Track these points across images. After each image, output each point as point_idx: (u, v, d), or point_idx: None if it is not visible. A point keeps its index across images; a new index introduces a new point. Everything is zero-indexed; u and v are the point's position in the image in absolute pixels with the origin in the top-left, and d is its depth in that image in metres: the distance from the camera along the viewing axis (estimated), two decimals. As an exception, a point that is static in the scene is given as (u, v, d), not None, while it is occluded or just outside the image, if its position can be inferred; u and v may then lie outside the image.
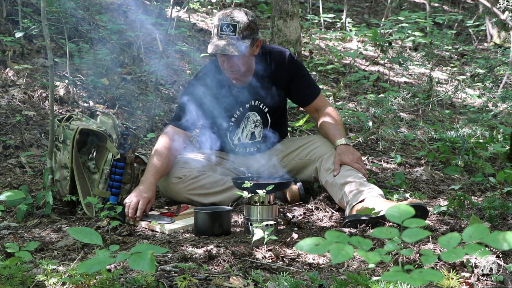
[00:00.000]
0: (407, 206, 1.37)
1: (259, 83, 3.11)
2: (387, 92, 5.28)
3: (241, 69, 3.01)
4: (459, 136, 3.96)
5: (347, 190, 2.87)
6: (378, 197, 2.81)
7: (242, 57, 2.94)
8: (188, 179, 3.05)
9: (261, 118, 3.20)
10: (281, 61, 3.11)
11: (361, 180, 2.91)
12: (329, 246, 1.27)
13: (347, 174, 2.93)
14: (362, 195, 2.81)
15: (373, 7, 9.69)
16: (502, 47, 7.71)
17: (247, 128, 3.21)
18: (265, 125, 3.23)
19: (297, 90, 3.18)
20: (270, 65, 3.11)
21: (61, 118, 3.04)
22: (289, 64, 3.11)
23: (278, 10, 5.67)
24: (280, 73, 3.12)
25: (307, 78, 3.18)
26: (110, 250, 1.66)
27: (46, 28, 2.95)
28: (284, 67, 3.11)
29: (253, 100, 3.17)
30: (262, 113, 3.20)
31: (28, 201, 2.82)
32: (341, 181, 2.91)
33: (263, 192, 2.58)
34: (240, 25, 2.89)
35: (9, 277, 1.98)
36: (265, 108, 3.19)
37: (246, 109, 3.19)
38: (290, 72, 3.13)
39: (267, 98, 3.15)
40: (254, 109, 3.19)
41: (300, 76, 3.16)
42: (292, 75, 3.14)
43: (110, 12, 6.12)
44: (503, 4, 3.80)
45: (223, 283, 2.04)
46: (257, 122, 3.21)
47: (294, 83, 3.16)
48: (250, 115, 3.20)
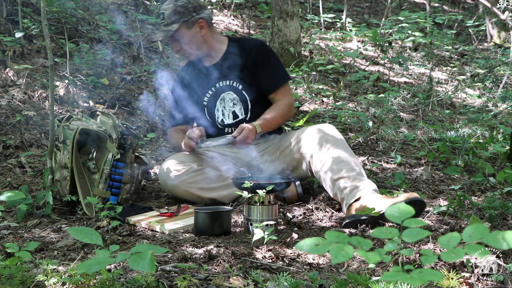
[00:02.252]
0: (407, 206, 1.37)
1: (228, 63, 3.24)
2: (387, 92, 5.28)
3: (190, 51, 3.22)
4: (459, 136, 3.96)
5: (341, 186, 2.86)
6: (374, 193, 2.80)
7: (183, 40, 3.17)
8: (189, 172, 3.06)
9: (237, 96, 3.25)
10: (251, 48, 3.24)
11: (353, 174, 2.88)
12: (329, 246, 1.27)
13: (339, 168, 2.91)
14: (357, 193, 2.81)
15: (373, 7, 9.69)
16: (502, 47, 7.71)
17: (227, 109, 3.27)
18: (244, 102, 3.25)
19: (262, 78, 3.25)
20: (241, 50, 3.24)
21: (61, 118, 3.04)
22: (257, 50, 3.23)
23: (278, 10, 5.67)
24: (247, 58, 3.23)
25: (274, 68, 3.25)
26: (110, 250, 1.66)
27: (46, 28, 2.95)
28: (252, 53, 3.23)
29: (223, 80, 3.26)
30: (237, 91, 3.25)
31: (28, 201, 2.82)
32: (334, 177, 2.90)
33: (263, 192, 2.58)
34: (166, 11, 3.15)
35: (9, 277, 1.98)
36: (239, 85, 3.25)
37: (218, 88, 3.26)
38: (258, 59, 3.23)
39: (238, 77, 3.24)
40: (227, 89, 3.26)
41: (266, 64, 3.24)
42: (259, 62, 3.23)
43: (110, 12, 6.12)
44: (503, 4, 3.80)
45: (223, 283, 2.04)
46: (234, 100, 3.25)
47: (259, 70, 3.24)
48: (224, 96, 3.26)
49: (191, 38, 3.17)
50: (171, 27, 3.13)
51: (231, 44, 3.28)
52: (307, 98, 5.23)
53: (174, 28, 3.13)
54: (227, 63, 3.24)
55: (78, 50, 5.05)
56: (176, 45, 3.20)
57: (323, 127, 3.11)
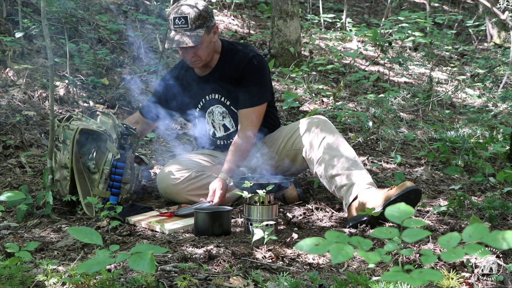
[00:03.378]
0: (407, 206, 1.37)
1: (218, 76, 3.15)
2: (387, 92, 5.28)
3: (202, 58, 3.07)
4: (459, 136, 3.96)
5: (338, 184, 2.86)
6: (369, 188, 2.80)
7: (200, 46, 3.00)
8: (187, 179, 3.05)
9: (226, 110, 3.21)
10: (239, 60, 3.10)
11: (347, 165, 2.87)
12: (329, 246, 1.26)
13: (333, 163, 2.89)
14: (353, 191, 2.80)
15: (373, 7, 9.69)
16: (502, 47, 7.71)
17: (216, 122, 3.24)
18: (233, 116, 3.22)
19: (240, 92, 3.12)
20: (231, 63, 3.13)
21: (61, 118, 3.04)
22: (245, 64, 3.08)
23: (278, 10, 5.66)
24: (235, 72, 3.11)
25: (253, 85, 3.09)
26: (110, 250, 1.66)
27: (46, 28, 2.95)
28: (239, 67, 3.09)
29: (212, 93, 3.21)
30: (225, 105, 3.21)
31: (28, 201, 2.82)
32: (330, 174, 2.89)
33: (263, 192, 2.58)
34: (191, 15, 2.96)
35: (9, 277, 1.98)
36: (227, 101, 3.20)
37: (207, 101, 3.22)
38: (243, 73, 3.09)
39: (226, 92, 3.17)
40: (215, 102, 3.21)
41: (248, 80, 3.09)
42: (244, 76, 3.09)
43: (110, 12, 6.12)
44: (503, 4, 3.80)
45: (223, 283, 2.04)
46: (224, 113, 3.22)
47: (241, 83, 3.11)
48: (213, 109, 3.22)
49: (207, 44, 3.03)
50: (197, 32, 2.96)
51: (224, 53, 3.15)
52: (307, 98, 5.23)
53: (201, 33, 2.96)
54: (217, 75, 3.15)
55: (78, 50, 5.05)
56: (192, 51, 3.02)
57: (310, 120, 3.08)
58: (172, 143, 4.13)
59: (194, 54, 3.03)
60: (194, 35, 2.96)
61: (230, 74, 3.11)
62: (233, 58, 3.12)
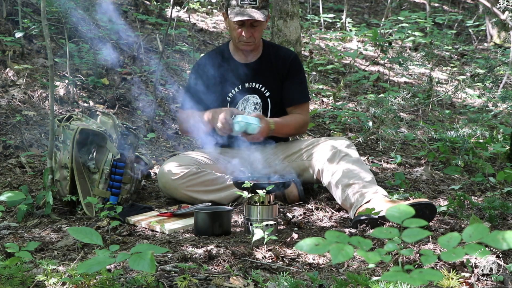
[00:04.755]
0: (407, 206, 1.37)
1: (262, 66, 3.19)
2: (387, 92, 5.28)
3: (256, 40, 3.12)
4: (459, 136, 3.96)
5: (351, 192, 2.86)
6: (383, 198, 2.79)
7: (260, 27, 3.08)
8: (187, 175, 3.05)
9: (261, 101, 3.21)
10: (286, 56, 3.21)
11: (364, 181, 2.88)
12: (329, 246, 1.26)
13: (351, 175, 2.91)
14: (367, 196, 2.80)
15: (373, 7, 9.70)
16: (502, 47, 7.72)
17: (246, 110, 3.21)
18: (265, 110, 3.22)
19: (287, 89, 3.21)
20: (276, 56, 3.20)
21: (61, 118, 3.04)
22: (292, 61, 3.20)
23: (278, 10, 5.66)
24: (281, 66, 3.19)
25: (301, 84, 3.23)
26: (110, 250, 1.66)
27: (46, 28, 2.95)
28: (286, 62, 3.19)
29: (253, 81, 3.21)
30: (263, 97, 3.21)
31: (28, 201, 2.82)
32: (345, 183, 2.89)
33: (263, 192, 2.58)
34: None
35: (9, 277, 1.98)
36: (267, 92, 3.21)
37: (245, 88, 3.20)
38: (290, 70, 3.20)
39: (268, 83, 3.19)
40: (254, 91, 3.21)
41: (296, 78, 3.21)
42: (290, 73, 3.20)
43: (110, 12, 6.12)
44: (503, 4, 3.80)
45: (223, 283, 2.04)
46: (257, 105, 3.21)
47: (288, 81, 3.20)
48: (249, 98, 3.21)
49: (263, 28, 3.12)
50: (263, 11, 3.05)
51: (266, 47, 3.23)
52: (307, 98, 5.23)
53: (265, 13, 3.05)
54: (261, 66, 3.20)
55: (78, 50, 5.05)
56: (250, 31, 3.08)
57: (336, 140, 3.10)
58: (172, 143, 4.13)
59: (252, 34, 3.09)
60: (262, 12, 3.05)
61: (276, 67, 3.19)
62: (277, 52, 3.23)
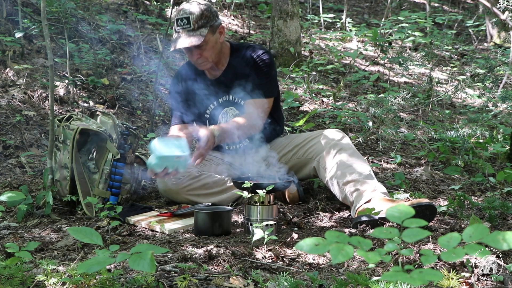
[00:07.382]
0: (407, 206, 1.37)
1: (230, 77, 3.09)
2: (387, 92, 5.28)
3: (209, 59, 3.01)
4: (459, 136, 3.96)
5: (349, 190, 2.85)
6: (383, 197, 2.79)
7: (205, 46, 2.96)
8: (187, 179, 3.04)
9: (240, 111, 3.13)
10: (249, 58, 3.07)
11: (360, 177, 2.87)
12: (329, 246, 1.26)
13: (344, 172, 2.90)
14: (366, 195, 2.80)
15: (373, 7, 9.70)
16: (502, 47, 7.72)
17: None
18: None
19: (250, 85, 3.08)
20: (241, 62, 3.09)
21: (61, 118, 3.04)
22: (255, 59, 3.07)
23: (278, 10, 5.66)
24: (247, 70, 3.08)
25: (261, 81, 3.07)
26: (110, 250, 1.66)
27: (46, 28, 2.95)
28: (249, 64, 3.07)
29: (225, 95, 3.14)
30: (240, 107, 3.14)
31: (28, 201, 2.82)
32: (342, 179, 2.89)
33: (263, 192, 2.58)
34: (193, 15, 2.92)
35: (9, 277, 1.98)
36: (241, 101, 3.13)
37: (220, 103, 3.16)
38: (256, 69, 3.07)
39: (240, 92, 3.10)
40: (230, 104, 3.15)
41: (257, 74, 3.07)
42: (256, 72, 3.07)
43: (110, 12, 6.12)
44: (503, 4, 3.80)
45: (223, 283, 2.04)
46: (237, 116, 3.12)
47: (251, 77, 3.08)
48: (227, 111, 3.16)
49: (213, 45, 2.98)
50: (200, 32, 2.92)
51: (233, 54, 3.12)
52: (307, 98, 5.23)
53: (204, 33, 2.92)
54: (229, 77, 3.10)
55: (78, 50, 5.05)
56: (197, 52, 2.98)
57: (329, 133, 3.07)
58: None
59: (200, 55, 2.98)
60: (197, 34, 2.92)
61: (242, 72, 3.08)
62: (243, 55, 3.09)
